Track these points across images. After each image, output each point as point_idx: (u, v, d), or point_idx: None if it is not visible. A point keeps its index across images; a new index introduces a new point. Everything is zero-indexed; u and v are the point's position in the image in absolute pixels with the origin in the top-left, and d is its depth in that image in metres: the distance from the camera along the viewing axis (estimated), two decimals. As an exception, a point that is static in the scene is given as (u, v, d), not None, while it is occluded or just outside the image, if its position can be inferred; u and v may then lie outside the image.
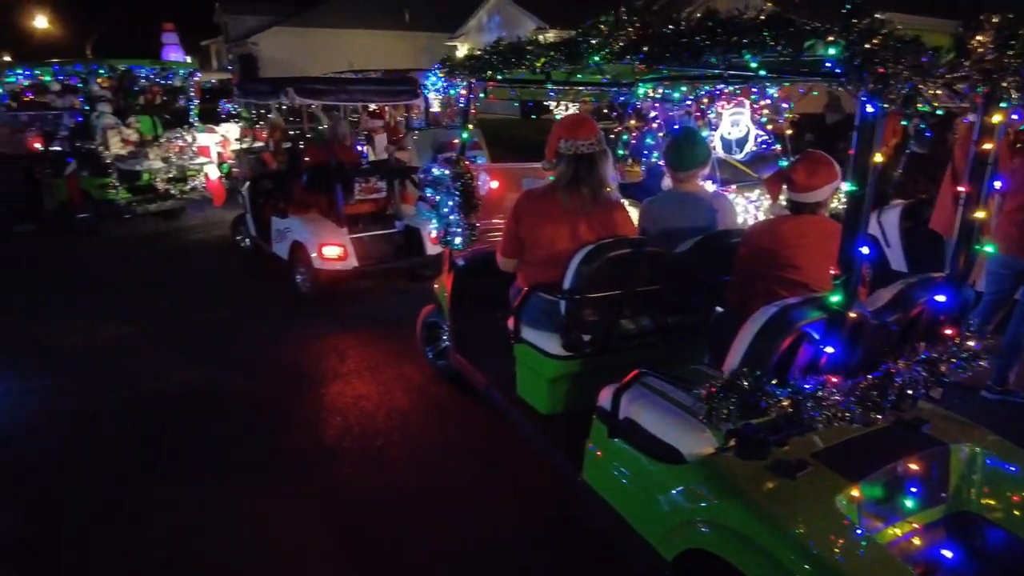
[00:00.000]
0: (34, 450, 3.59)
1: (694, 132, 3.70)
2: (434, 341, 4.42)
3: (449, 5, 31.77)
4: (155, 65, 9.81)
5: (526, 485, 3.27)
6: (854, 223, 1.77)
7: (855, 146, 1.67)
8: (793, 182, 2.61)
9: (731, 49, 1.67)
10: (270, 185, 6.88)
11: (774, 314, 2.01)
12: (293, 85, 5.71)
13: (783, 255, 2.59)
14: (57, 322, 5.44)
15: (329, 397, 4.18)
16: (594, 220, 2.96)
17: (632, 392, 2.36)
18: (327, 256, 5.56)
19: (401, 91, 6.55)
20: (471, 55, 3.30)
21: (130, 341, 5.08)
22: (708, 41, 1.74)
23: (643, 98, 4.47)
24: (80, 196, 8.46)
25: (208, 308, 5.81)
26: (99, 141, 8.45)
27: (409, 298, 5.90)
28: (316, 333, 5.18)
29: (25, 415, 3.95)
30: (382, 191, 6.25)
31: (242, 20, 35.29)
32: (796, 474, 1.94)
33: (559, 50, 2.46)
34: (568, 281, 2.78)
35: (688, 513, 2.12)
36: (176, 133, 9.40)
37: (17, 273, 6.99)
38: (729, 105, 5.29)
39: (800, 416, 1.85)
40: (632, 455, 2.33)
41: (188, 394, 4.24)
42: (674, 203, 3.31)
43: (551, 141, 2.97)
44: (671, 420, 2.22)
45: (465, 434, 3.75)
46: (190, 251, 7.93)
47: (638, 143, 5.56)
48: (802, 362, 2.07)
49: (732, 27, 1.66)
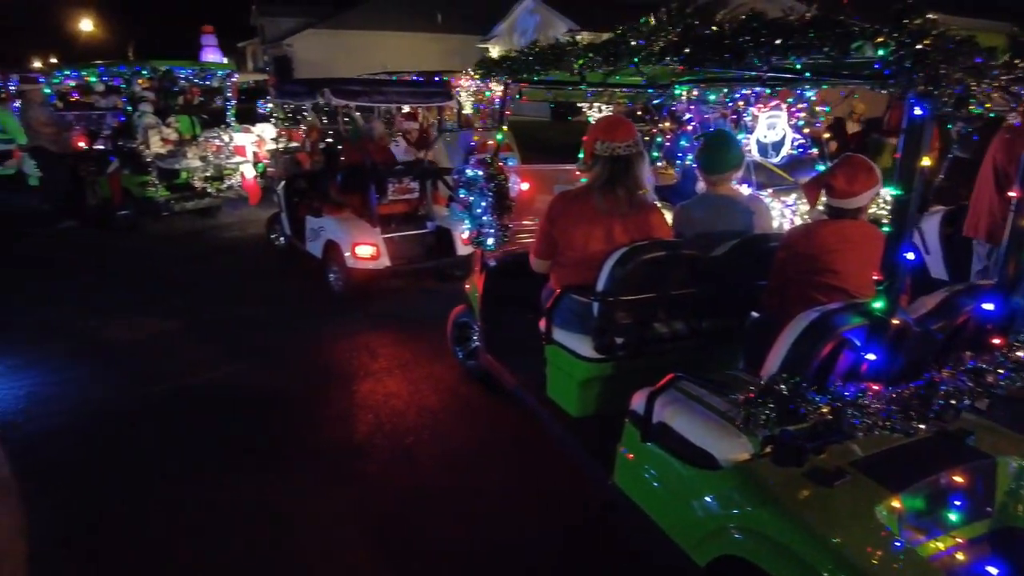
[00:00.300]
0: (71, 442, 3.69)
1: (727, 135, 3.67)
2: (464, 341, 4.44)
3: (481, 7, 31.93)
4: (195, 66, 10.04)
5: (555, 487, 3.26)
6: (899, 228, 1.74)
7: (902, 149, 1.64)
8: (832, 188, 2.57)
9: (775, 51, 1.65)
10: (305, 185, 6.98)
11: (814, 319, 1.98)
12: (329, 86, 5.79)
13: (822, 260, 2.55)
14: (96, 315, 5.59)
15: (360, 394, 4.22)
16: (629, 222, 2.94)
17: (666, 396, 2.34)
18: (360, 255, 5.62)
19: (435, 93, 6.59)
20: (507, 56, 3.31)
21: (167, 335, 5.20)
22: (752, 43, 1.72)
23: (678, 100, 4.44)
24: (121, 193, 8.67)
25: (242, 304, 5.92)
26: (140, 140, 8.64)
27: (439, 298, 5.93)
28: (348, 331, 5.24)
29: (63, 406, 4.06)
30: (415, 192, 6.30)
31: (277, 22, 35.96)
32: (834, 482, 1.91)
33: (598, 51, 2.46)
34: (601, 283, 2.77)
35: (722, 519, 2.09)
36: (213, 133, 9.57)
37: (60, 267, 7.20)
38: (766, 108, 5.21)
39: (840, 424, 1.82)
40: (665, 460, 2.31)
41: (222, 388, 4.32)
42: (708, 206, 3.29)
43: (587, 143, 2.96)
44: (706, 425, 2.20)
45: (494, 434, 3.76)
46: (226, 248, 8.08)
47: (672, 145, 5.52)
48: (842, 369, 2.04)
49: (777, 28, 1.64)
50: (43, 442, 3.65)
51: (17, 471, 3.36)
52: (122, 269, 7.16)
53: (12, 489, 3.26)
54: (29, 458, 3.47)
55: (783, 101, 5.25)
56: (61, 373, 4.47)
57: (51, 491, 3.22)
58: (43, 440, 3.67)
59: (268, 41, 36.12)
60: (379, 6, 33.98)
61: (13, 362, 4.63)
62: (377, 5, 34.07)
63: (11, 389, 4.23)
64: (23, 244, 8.16)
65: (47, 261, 7.46)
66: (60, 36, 33.94)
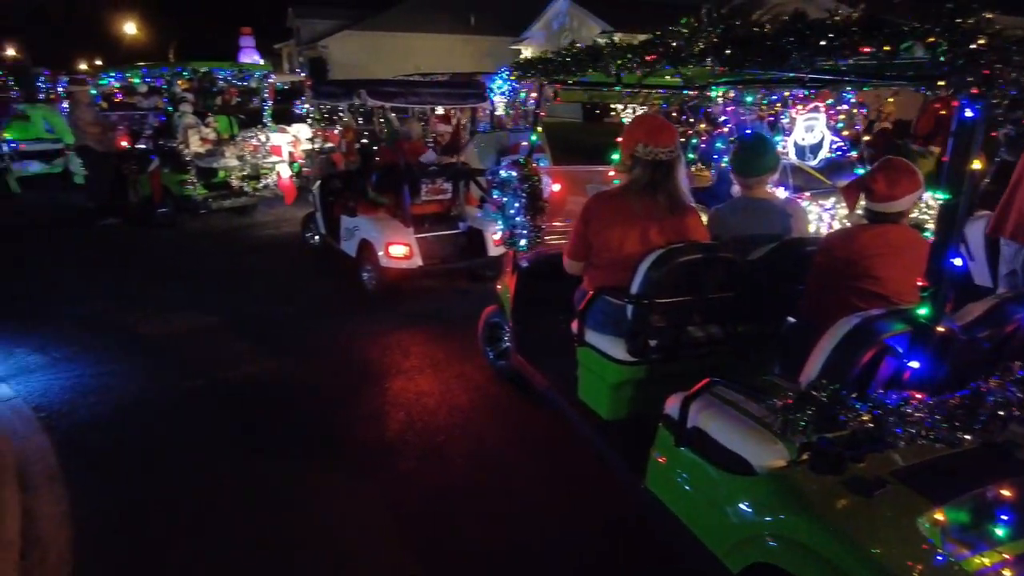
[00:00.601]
0: (112, 432, 3.78)
1: (762, 138, 3.62)
2: (495, 342, 4.45)
3: (514, 9, 31.97)
4: (233, 67, 10.24)
5: (584, 488, 3.26)
6: (946, 233, 1.69)
7: (950, 152, 1.60)
8: (872, 191, 2.51)
9: (819, 52, 1.62)
10: (340, 184, 7.06)
11: (856, 325, 1.94)
12: (366, 87, 5.86)
13: (862, 265, 2.50)
14: (136, 310, 5.74)
15: (393, 392, 4.26)
16: (665, 224, 2.92)
17: (701, 401, 2.31)
18: (393, 255, 5.68)
19: (469, 94, 6.62)
20: (544, 57, 3.31)
21: (204, 330, 5.31)
22: (795, 44, 1.69)
23: (715, 101, 4.39)
24: (161, 191, 8.87)
25: (277, 302, 6.02)
26: (180, 139, 8.83)
27: (470, 298, 5.96)
28: (381, 329, 5.30)
29: (105, 398, 4.17)
30: (447, 192, 6.33)
31: (313, 24, 36.47)
32: (874, 492, 1.86)
33: (637, 52, 2.44)
34: (636, 286, 2.75)
35: (757, 526, 2.06)
36: (251, 133, 9.73)
37: (103, 263, 7.40)
38: (804, 110, 5.13)
39: (881, 432, 1.78)
40: (699, 465, 2.29)
41: (257, 384, 4.40)
42: (744, 210, 3.25)
43: (626, 143, 2.93)
44: (742, 431, 2.17)
45: (524, 435, 3.77)
46: (262, 246, 8.22)
47: (707, 147, 5.46)
48: (883, 376, 1.99)
49: (822, 29, 1.61)
50: (86, 432, 3.75)
51: (62, 460, 3.51)
52: (161, 265, 7.34)
53: (58, 478, 3.38)
54: (72, 448, 3.58)
55: (821, 103, 5.16)
56: (103, 366, 4.60)
57: (93, 480, 3.32)
58: (86, 431, 3.77)
59: (303, 43, 36.66)
60: (413, 8, 34.27)
61: (59, 354, 4.78)
62: (411, 7, 34.37)
63: (56, 380, 4.37)
64: (69, 240, 8.41)
65: (91, 257, 7.67)
66: (105, 39, 34.94)
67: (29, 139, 11.23)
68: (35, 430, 3.75)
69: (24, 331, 5.15)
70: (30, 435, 3.68)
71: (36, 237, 8.55)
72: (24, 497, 3.08)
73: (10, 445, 3.47)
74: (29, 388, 4.26)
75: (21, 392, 4.21)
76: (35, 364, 4.61)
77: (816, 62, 1.70)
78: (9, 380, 4.36)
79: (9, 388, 4.26)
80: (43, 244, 8.21)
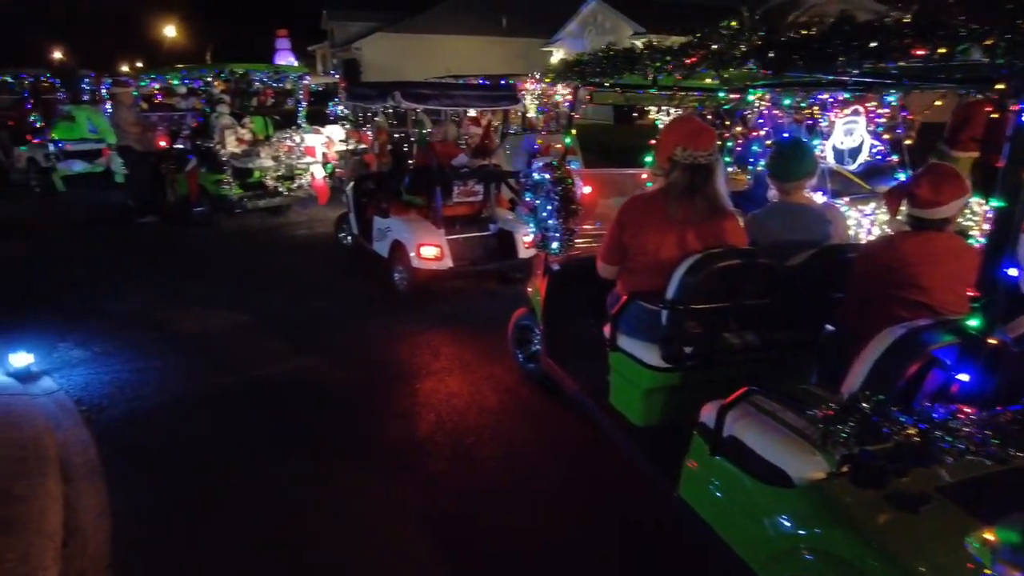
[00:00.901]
0: (149, 427, 3.86)
1: (800, 142, 3.55)
2: (525, 344, 4.44)
3: (546, 11, 31.96)
4: (269, 69, 10.40)
5: (614, 493, 3.23)
6: (1000, 241, 1.64)
7: (1006, 157, 1.54)
8: (916, 197, 2.44)
9: (869, 55, 1.57)
10: (372, 185, 7.13)
11: (902, 336, 1.89)
12: (400, 89, 5.90)
13: (906, 274, 2.43)
14: (173, 307, 5.86)
15: (423, 392, 4.28)
16: (703, 228, 2.87)
17: (738, 410, 2.27)
18: (424, 256, 5.70)
19: (502, 96, 6.62)
20: (581, 59, 3.29)
21: (239, 328, 5.40)
22: (843, 47, 1.65)
23: (751, 104, 4.32)
24: (198, 191, 9.05)
25: (310, 301, 6.09)
26: (217, 140, 9.00)
27: (500, 300, 5.96)
28: (411, 330, 5.32)
29: (142, 393, 4.26)
30: (479, 194, 6.34)
31: (347, 26, 36.94)
32: (919, 508, 1.81)
33: (677, 55, 2.41)
34: (672, 291, 2.72)
35: (794, 539, 2.02)
36: (285, 133, 9.86)
37: (142, 260, 7.57)
38: (843, 113, 5.01)
39: (928, 446, 1.73)
40: (735, 475, 2.25)
41: (290, 382, 4.45)
42: (783, 215, 3.18)
43: (663, 146, 2.89)
44: (780, 441, 2.12)
45: (554, 438, 3.75)
46: (295, 246, 8.33)
47: (743, 150, 5.38)
48: (929, 389, 1.93)
49: (872, 31, 1.56)
50: (124, 426, 3.84)
51: (102, 453, 3.59)
52: (198, 263, 7.48)
53: (98, 470, 3.46)
54: (111, 441, 3.67)
55: (861, 106, 5.04)
56: (141, 361, 4.70)
57: (132, 473, 3.39)
58: (124, 425, 3.86)
59: (337, 45, 37.15)
60: (445, 10, 34.49)
61: (100, 349, 4.90)
62: (443, 9, 34.59)
63: (96, 375, 4.48)
64: (110, 237, 8.63)
65: (130, 254, 7.86)
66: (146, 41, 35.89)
67: (74, 139, 11.57)
68: (76, 423, 3.84)
69: (68, 326, 5.29)
70: (72, 428, 3.78)
71: (79, 234, 8.79)
72: (66, 488, 3.16)
73: (53, 437, 3.57)
74: (71, 382, 4.38)
75: (64, 385, 4.33)
76: (77, 359, 4.74)
77: (864, 65, 1.66)
78: (53, 373, 4.49)
79: (53, 381, 4.38)
80: (86, 241, 8.44)
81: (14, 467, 3.18)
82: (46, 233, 8.80)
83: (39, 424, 3.69)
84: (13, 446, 3.36)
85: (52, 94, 12.91)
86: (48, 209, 10.42)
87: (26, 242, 8.24)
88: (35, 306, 5.82)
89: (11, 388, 4.16)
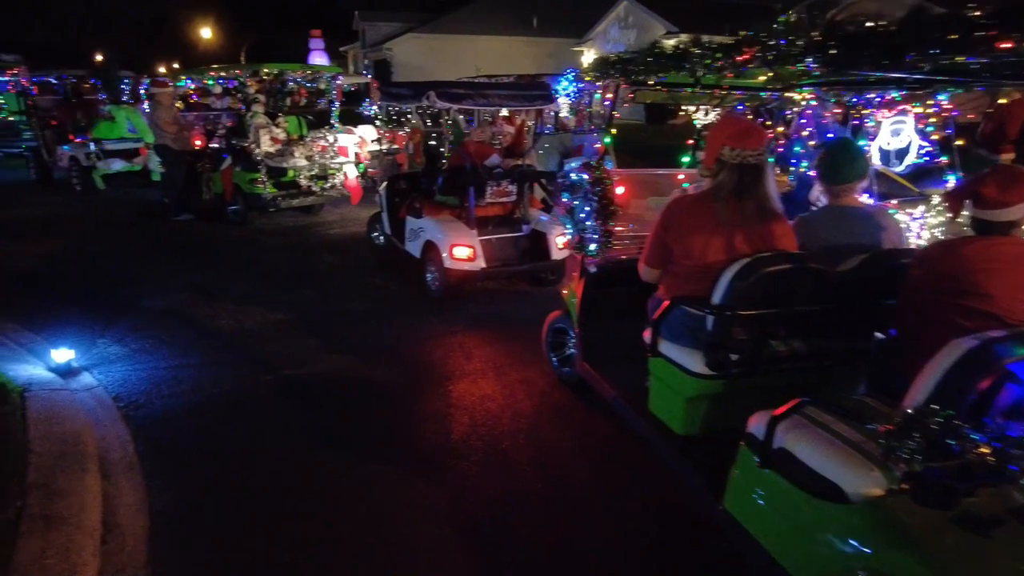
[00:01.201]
0: (185, 424, 3.89)
1: (851, 143, 3.43)
2: (559, 348, 4.38)
3: (576, 11, 31.85)
4: (305, 69, 10.48)
5: (650, 500, 3.15)
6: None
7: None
8: (982, 197, 2.32)
9: (948, 49, 1.48)
10: (405, 185, 7.12)
11: (973, 347, 1.78)
12: (435, 89, 5.87)
13: (969, 281, 2.31)
14: (209, 304, 5.91)
15: (456, 394, 4.24)
16: (752, 231, 2.77)
17: (790, 421, 2.18)
18: (457, 256, 5.67)
19: (536, 96, 6.56)
20: (622, 58, 3.22)
21: (271, 326, 5.42)
22: (916, 41, 1.55)
23: (796, 103, 4.20)
24: (232, 189, 9.16)
25: (343, 300, 6.10)
26: (251, 139, 9.07)
27: (532, 301, 5.91)
28: (444, 331, 5.30)
29: (178, 389, 4.29)
30: (512, 194, 6.29)
31: (378, 27, 37.25)
32: (990, 531, 1.71)
33: (727, 53, 2.33)
34: (719, 295, 2.63)
35: (848, 559, 1.93)
36: (319, 133, 9.93)
37: (178, 258, 7.67)
38: (890, 112, 4.85)
39: (1003, 466, 1.62)
40: (786, 489, 2.16)
41: (323, 381, 4.45)
42: (834, 218, 3.07)
43: (711, 146, 2.80)
44: (835, 455, 2.03)
45: (589, 443, 3.68)
46: (328, 245, 8.37)
47: (786, 151, 5.24)
48: (1002, 405, 1.83)
49: (950, 24, 1.47)
50: (161, 423, 3.87)
51: (139, 449, 3.61)
52: (232, 261, 7.56)
53: (136, 466, 3.48)
54: (148, 437, 3.70)
55: (909, 105, 4.87)
56: (177, 359, 4.74)
57: (168, 469, 3.41)
58: (161, 421, 3.89)
59: (368, 45, 37.46)
60: (476, 11, 34.58)
61: (137, 345, 4.96)
62: (474, 10, 34.69)
63: (134, 371, 4.53)
64: (147, 235, 8.78)
65: (167, 251, 7.98)
66: (181, 42, 36.64)
67: (113, 138, 11.81)
68: (115, 419, 3.88)
69: (106, 322, 5.37)
70: (110, 424, 3.82)
71: (117, 232, 8.96)
72: (104, 484, 3.18)
73: (92, 433, 3.61)
74: (110, 378, 4.43)
75: (103, 381, 4.38)
76: (115, 355, 4.80)
77: (940, 61, 1.56)
78: (92, 369, 4.55)
79: (92, 377, 4.44)
80: (124, 238, 8.60)
81: (55, 462, 3.22)
82: (86, 230, 8.98)
83: (79, 419, 3.73)
84: (55, 441, 3.40)
85: (93, 94, 13.22)
86: (88, 207, 10.64)
87: (66, 239, 8.41)
88: (75, 302, 5.93)
89: (53, 383, 4.23)
